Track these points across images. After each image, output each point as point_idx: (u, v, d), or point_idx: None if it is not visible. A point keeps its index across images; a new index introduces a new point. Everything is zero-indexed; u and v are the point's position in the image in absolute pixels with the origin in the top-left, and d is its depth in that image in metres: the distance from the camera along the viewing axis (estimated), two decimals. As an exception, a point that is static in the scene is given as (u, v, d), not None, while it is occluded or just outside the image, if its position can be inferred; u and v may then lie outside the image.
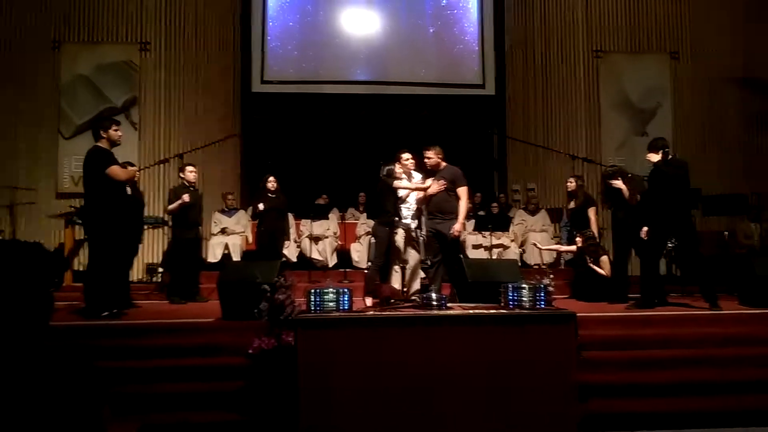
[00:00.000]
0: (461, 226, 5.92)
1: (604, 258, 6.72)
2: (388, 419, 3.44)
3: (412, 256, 5.96)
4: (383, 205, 5.86)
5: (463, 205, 5.91)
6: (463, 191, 5.92)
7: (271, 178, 7.67)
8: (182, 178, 7.00)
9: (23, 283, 2.38)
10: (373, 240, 6.12)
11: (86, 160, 5.43)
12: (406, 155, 6.07)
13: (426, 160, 5.98)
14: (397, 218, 5.89)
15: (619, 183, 6.42)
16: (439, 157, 6.01)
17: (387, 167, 5.85)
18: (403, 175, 5.97)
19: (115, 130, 5.52)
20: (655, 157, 5.76)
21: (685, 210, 5.76)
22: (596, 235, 6.91)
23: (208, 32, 10.27)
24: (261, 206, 7.52)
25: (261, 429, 3.80)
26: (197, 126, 10.03)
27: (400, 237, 5.94)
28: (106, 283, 5.30)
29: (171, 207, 6.78)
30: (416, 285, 5.99)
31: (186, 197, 6.66)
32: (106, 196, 5.31)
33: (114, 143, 5.52)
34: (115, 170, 5.35)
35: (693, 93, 10.63)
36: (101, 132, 5.47)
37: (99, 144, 5.45)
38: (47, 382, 2.44)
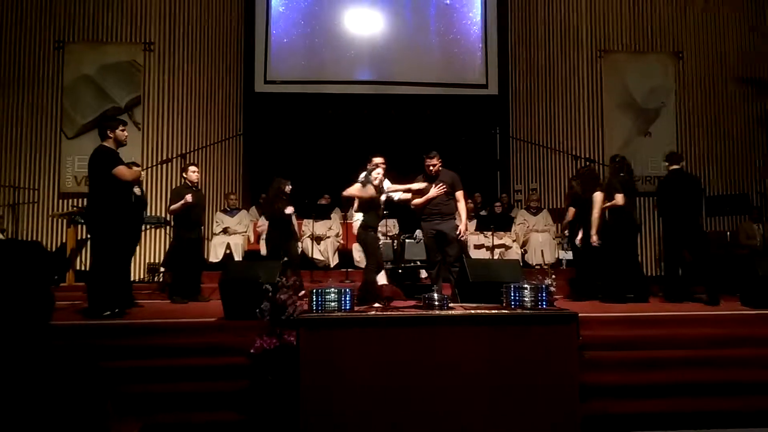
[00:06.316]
0: (466, 227, 6.11)
1: (597, 195, 6.50)
2: (389, 419, 3.44)
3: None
4: (366, 210, 5.86)
5: (463, 207, 6.13)
6: (461, 194, 6.14)
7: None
8: (185, 178, 7.01)
9: (23, 282, 2.39)
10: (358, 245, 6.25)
11: (93, 159, 5.40)
12: (378, 159, 6.18)
13: (432, 167, 6.06)
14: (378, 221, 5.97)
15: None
16: (440, 162, 6.14)
17: (365, 172, 5.92)
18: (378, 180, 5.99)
19: (122, 131, 5.51)
20: (674, 167, 6.52)
21: (694, 215, 6.40)
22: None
23: (211, 32, 10.29)
24: (290, 210, 7.44)
25: (263, 429, 3.80)
26: (200, 126, 10.06)
27: (381, 239, 6.16)
28: (108, 282, 5.30)
29: (174, 207, 6.78)
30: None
31: (189, 197, 6.66)
32: (112, 196, 5.30)
33: (120, 143, 5.52)
34: (121, 170, 5.35)
35: (697, 93, 10.60)
36: (108, 132, 5.45)
37: (105, 144, 5.44)
38: (51, 380, 2.45)
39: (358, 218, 6.13)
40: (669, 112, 10.51)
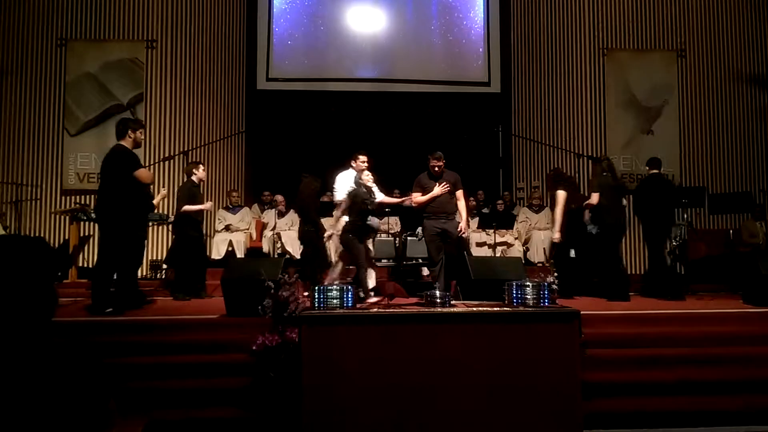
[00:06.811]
0: (467, 224, 6.29)
1: (559, 193, 6.71)
2: (391, 416, 3.44)
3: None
4: (349, 213, 5.99)
5: (464, 205, 6.27)
6: (461, 193, 6.28)
7: None
8: (194, 175, 6.96)
9: (26, 278, 2.39)
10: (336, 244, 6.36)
11: (112, 157, 5.37)
12: (362, 157, 6.31)
13: (437, 168, 6.16)
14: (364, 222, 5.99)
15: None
16: (444, 163, 6.25)
17: (353, 178, 6.07)
18: (370, 181, 6.09)
19: (141, 133, 5.53)
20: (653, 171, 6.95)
21: (668, 216, 6.89)
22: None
23: (213, 30, 10.29)
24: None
25: (265, 425, 3.81)
26: (202, 123, 10.06)
27: (369, 240, 6.23)
28: (113, 280, 5.31)
29: (191, 208, 6.71)
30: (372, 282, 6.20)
31: (209, 204, 6.78)
32: (127, 196, 5.28)
33: (137, 145, 5.53)
34: (142, 173, 5.35)
35: (699, 91, 10.58)
36: (129, 132, 5.43)
37: (122, 143, 5.42)
38: (53, 377, 2.46)
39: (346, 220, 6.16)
40: (671, 110, 10.48)
